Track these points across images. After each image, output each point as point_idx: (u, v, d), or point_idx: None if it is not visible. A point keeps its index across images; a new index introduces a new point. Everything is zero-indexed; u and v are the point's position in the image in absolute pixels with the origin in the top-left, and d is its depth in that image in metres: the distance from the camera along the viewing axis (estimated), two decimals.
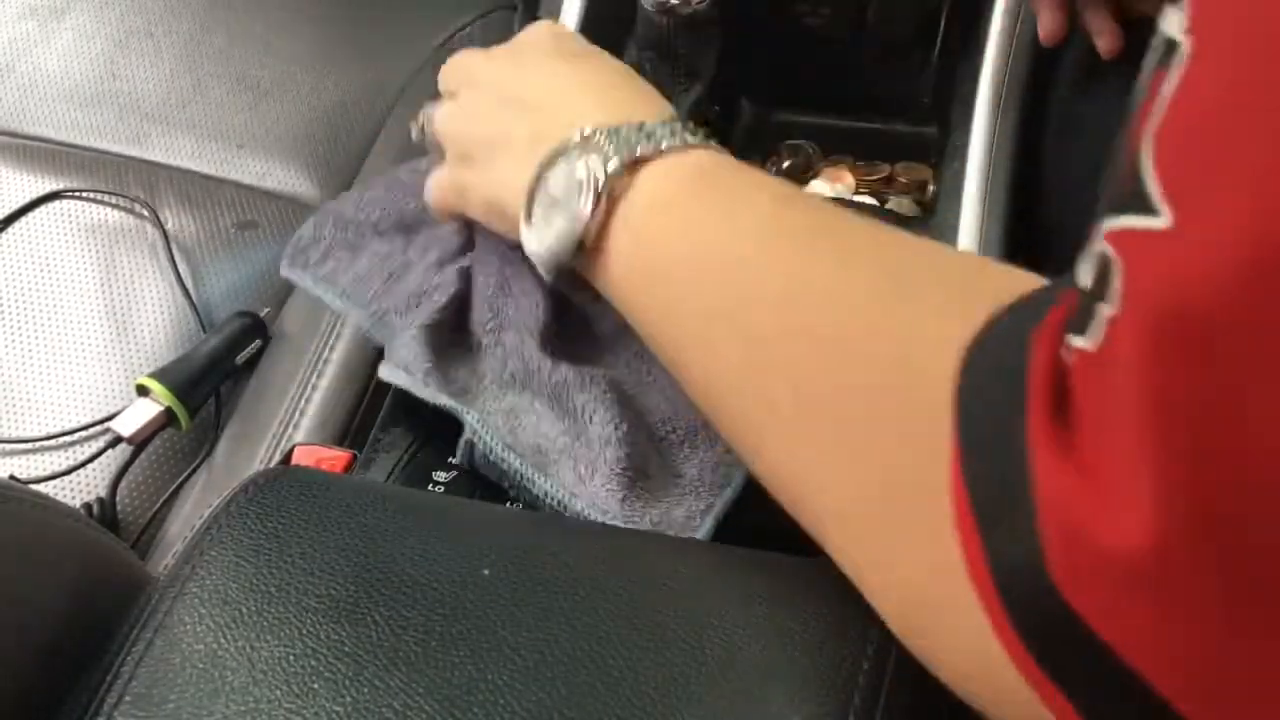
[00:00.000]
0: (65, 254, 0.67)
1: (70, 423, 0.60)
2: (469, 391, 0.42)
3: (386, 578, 0.32)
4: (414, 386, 0.42)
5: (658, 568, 0.33)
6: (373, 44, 0.78)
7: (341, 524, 0.34)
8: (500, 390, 0.42)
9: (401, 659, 0.30)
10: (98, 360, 0.63)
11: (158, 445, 0.60)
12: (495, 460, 0.40)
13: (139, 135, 0.74)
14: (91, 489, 0.59)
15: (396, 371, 0.43)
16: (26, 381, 0.62)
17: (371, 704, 0.29)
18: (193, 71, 0.77)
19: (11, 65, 0.78)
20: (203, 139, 0.74)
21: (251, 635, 0.30)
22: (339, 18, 0.81)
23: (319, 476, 0.37)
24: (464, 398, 0.41)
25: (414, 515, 0.35)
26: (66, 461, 0.59)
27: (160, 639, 0.31)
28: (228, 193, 0.70)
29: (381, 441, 0.46)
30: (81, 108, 0.76)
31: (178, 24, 0.80)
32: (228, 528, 0.34)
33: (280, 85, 0.76)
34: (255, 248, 0.68)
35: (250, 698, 0.29)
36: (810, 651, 0.30)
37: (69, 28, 0.80)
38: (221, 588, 0.32)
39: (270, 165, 0.72)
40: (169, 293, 0.65)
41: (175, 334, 0.64)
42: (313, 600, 0.31)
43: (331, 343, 0.59)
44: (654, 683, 0.29)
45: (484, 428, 0.40)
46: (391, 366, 0.43)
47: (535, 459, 0.39)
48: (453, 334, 0.43)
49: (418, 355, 0.42)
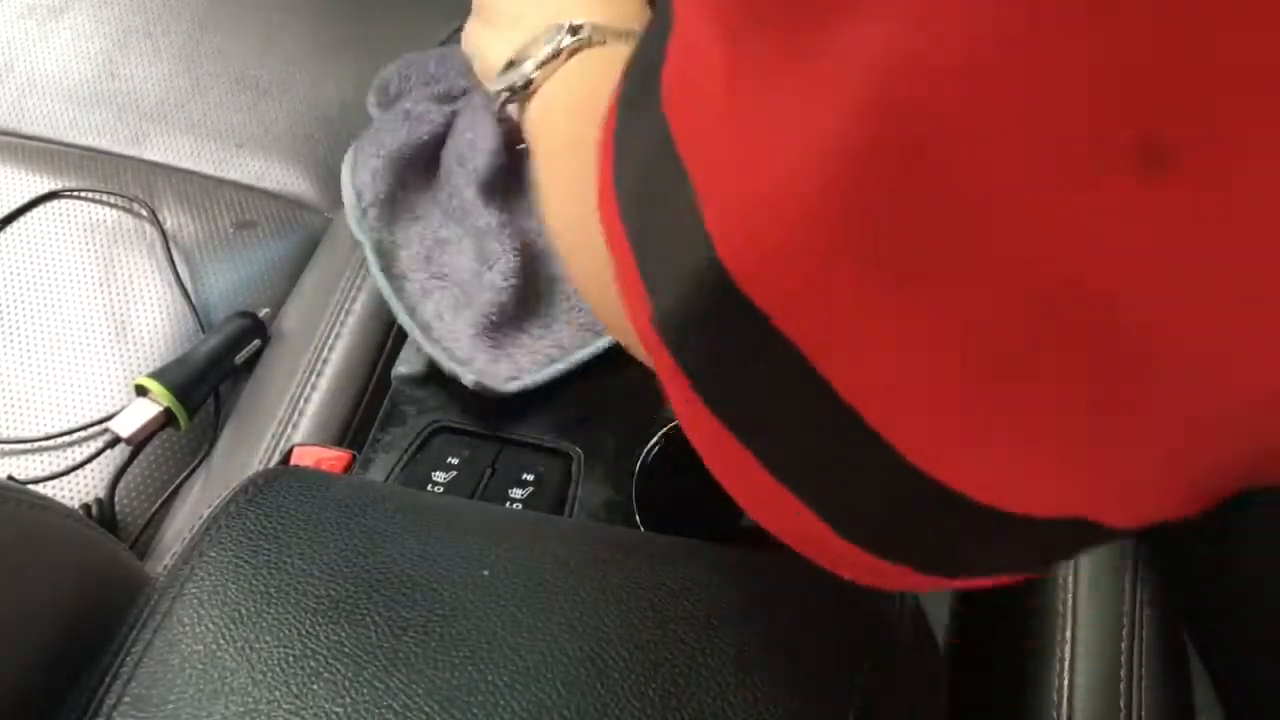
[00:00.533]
0: (63, 254, 0.67)
1: (69, 423, 0.60)
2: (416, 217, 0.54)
3: (386, 578, 0.32)
4: (353, 213, 0.53)
5: (658, 568, 0.33)
6: (372, 43, 0.78)
7: (341, 524, 0.34)
8: (441, 220, 0.53)
9: (401, 659, 0.30)
10: (96, 360, 0.63)
11: (156, 445, 0.60)
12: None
13: (138, 135, 0.74)
14: (90, 489, 0.58)
15: (350, 191, 0.53)
16: (25, 382, 0.62)
17: (371, 704, 0.29)
18: (191, 71, 0.77)
19: (10, 65, 0.78)
20: (201, 138, 0.74)
21: (251, 635, 0.30)
22: (338, 17, 0.80)
23: (318, 477, 0.37)
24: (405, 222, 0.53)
25: (413, 515, 0.35)
26: (65, 462, 0.59)
27: (159, 639, 0.31)
28: (226, 192, 0.70)
29: (381, 441, 0.46)
30: (80, 107, 0.76)
31: (176, 23, 0.80)
32: (227, 528, 0.34)
33: (279, 85, 0.76)
34: (254, 247, 0.68)
35: (250, 698, 0.29)
36: (811, 651, 0.30)
37: (67, 27, 0.80)
38: (220, 588, 0.32)
39: (269, 165, 0.72)
40: (167, 293, 0.65)
41: (174, 334, 0.63)
42: (312, 600, 0.31)
43: (331, 343, 0.59)
44: (654, 683, 0.29)
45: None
46: (349, 185, 0.53)
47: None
48: (426, 164, 0.54)
49: (379, 175, 0.53)
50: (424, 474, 0.44)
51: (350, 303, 0.61)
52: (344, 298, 0.61)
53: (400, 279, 0.51)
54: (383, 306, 0.60)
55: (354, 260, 0.63)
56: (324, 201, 0.71)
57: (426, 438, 0.47)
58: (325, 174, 0.72)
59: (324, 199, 0.71)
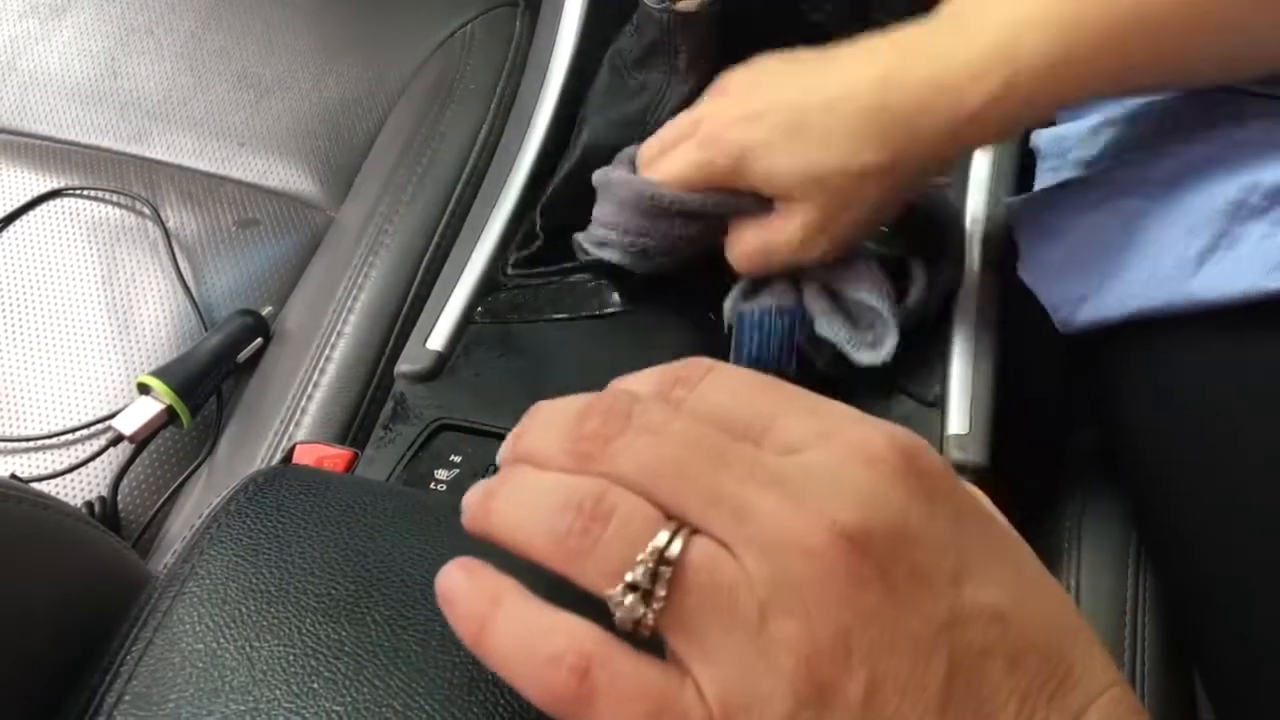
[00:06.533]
0: (66, 252, 0.67)
1: (71, 421, 0.60)
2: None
3: (386, 578, 0.32)
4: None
5: None
6: (374, 41, 0.78)
7: (341, 523, 0.34)
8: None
9: (401, 659, 0.29)
10: (99, 358, 0.63)
11: (159, 444, 0.60)
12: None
13: (140, 133, 0.74)
14: (93, 487, 0.59)
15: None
16: (27, 380, 0.62)
17: (371, 704, 0.28)
18: (194, 69, 0.77)
19: (12, 63, 0.78)
20: (204, 137, 0.74)
21: (251, 635, 0.30)
22: (340, 15, 0.80)
23: (318, 476, 0.37)
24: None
25: (414, 515, 0.34)
26: (67, 460, 0.59)
27: (160, 638, 0.31)
28: (229, 190, 0.70)
29: (383, 439, 0.46)
30: (83, 105, 0.76)
31: (179, 22, 0.80)
32: (227, 527, 0.34)
33: (281, 83, 0.76)
34: (257, 245, 0.68)
35: (250, 697, 0.29)
36: None
37: (70, 25, 0.80)
38: (221, 587, 0.32)
39: (272, 163, 0.72)
40: (170, 291, 0.65)
41: (176, 332, 0.63)
42: (313, 599, 0.31)
43: (333, 341, 0.59)
44: None
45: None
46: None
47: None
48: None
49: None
50: (426, 472, 0.44)
51: (352, 301, 0.61)
52: (346, 295, 0.61)
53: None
54: (385, 304, 0.60)
55: (356, 258, 0.63)
56: (326, 199, 0.71)
57: (429, 435, 0.47)
58: (328, 172, 0.72)
59: (327, 197, 0.71)
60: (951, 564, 0.23)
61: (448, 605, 0.25)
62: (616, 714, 0.22)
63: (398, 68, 0.76)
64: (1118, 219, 0.43)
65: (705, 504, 0.23)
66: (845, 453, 0.23)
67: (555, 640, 0.23)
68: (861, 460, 0.23)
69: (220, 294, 0.65)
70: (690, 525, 0.23)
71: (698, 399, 0.26)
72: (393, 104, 0.74)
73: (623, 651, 0.23)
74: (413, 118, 0.71)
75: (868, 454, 0.23)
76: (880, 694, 0.21)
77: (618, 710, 0.22)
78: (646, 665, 0.23)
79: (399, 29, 0.78)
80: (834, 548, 0.22)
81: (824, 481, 0.23)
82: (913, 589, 0.22)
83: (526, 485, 0.25)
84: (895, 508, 0.23)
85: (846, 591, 0.22)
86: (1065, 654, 0.23)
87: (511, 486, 0.26)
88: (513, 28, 0.77)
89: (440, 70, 0.74)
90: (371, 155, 0.72)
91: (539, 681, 0.23)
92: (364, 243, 0.63)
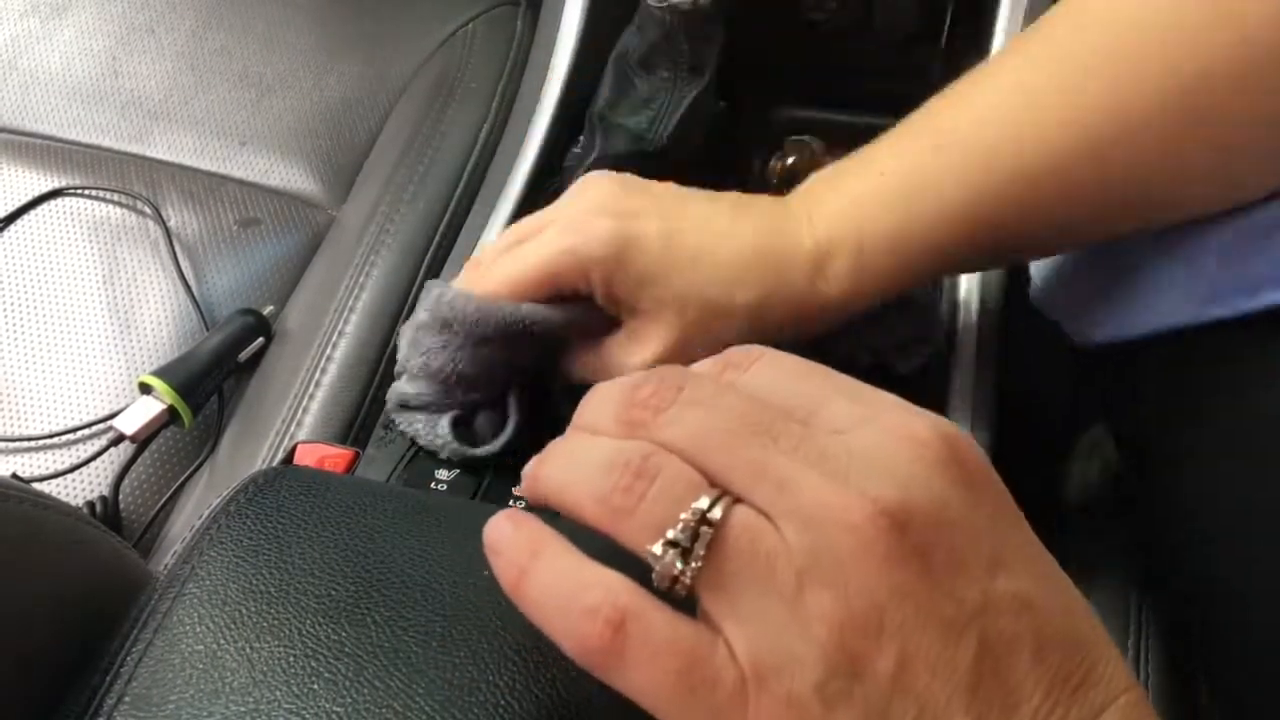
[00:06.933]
0: (67, 252, 0.67)
1: (72, 421, 0.60)
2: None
3: (386, 578, 0.32)
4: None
5: None
6: (375, 40, 0.78)
7: (342, 524, 0.33)
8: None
9: (401, 659, 0.29)
10: (100, 358, 0.63)
11: (160, 443, 0.60)
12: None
13: (141, 132, 0.74)
14: (94, 487, 0.59)
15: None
16: (28, 379, 0.62)
17: (371, 704, 0.28)
18: (195, 68, 0.77)
19: (13, 62, 0.78)
20: (205, 136, 0.74)
21: (251, 635, 0.30)
22: (341, 14, 0.80)
23: (319, 476, 0.37)
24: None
25: (415, 515, 0.34)
26: (68, 460, 0.59)
27: (160, 639, 0.31)
28: (230, 190, 0.70)
29: (384, 439, 0.46)
30: (84, 105, 0.76)
31: (180, 21, 0.80)
32: (227, 527, 0.33)
33: (283, 82, 0.76)
34: (258, 245, 0.68)
35: (250, 698, 0.29)
36: None
37: (71, 25, 0.80)
38: (221, 587, 0.32)
39: (273, 162, 0.72)
40: (171, 290, 0.65)
41: (178, 331, 0.63)
42: (313, 600, 0.31)
43: (334, 340, 0.59)
44: None
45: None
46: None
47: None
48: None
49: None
50: (427, 472, 0.44)
51: (354, 300, 0.61)
52: (348, 295, 0.61)
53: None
54: (386, 304, 0.60)
55: (357, 257, 0.63)
56: (328, 198, 0.71)
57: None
58: (329, 171, 0.72)
59: (328, 196, 0.71)
60: (988, 551, 0.23)
61: (493, 554, 0.26)
62: (649, 668, 0.23)
63: (399, 67, 0.76)
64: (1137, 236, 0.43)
65: (750, 474, 0.23)
66: (890, 436, 0.24)
67: (592, 593, 0.24)
68: (906, 444, 0.24)
69: (221, 293, 0.65)
70: (734, 494, 0.24)
71: (748, 379, 0.27)
72: (394, 103, 0.74)
73: (658, 607, 0.23)
74: (414, 117, 0.71)
75: (912, 439, 0.24)
76: (910, 670, 0.22)
77: (650, 664, 0.23)
78: (681, 622, 0.23)
79: (400, 28, 0.78)
80: (874, 525, 0.22)
81: (868, 461, 0.23)
82: (949, 572, 0.22)
83: (578, 449, 0.26)
84: (936, 491, 0.23)
85: (884, 568, 0.22)
86: (1089, 652, 0.23)
87: (563, 450, 0.27)
88: (514, 27, 0.77)
89: (441, 69, 0.74)
90: (373, 154, 0.72)
91: (574, 632, 0.24)
92: (365, 242, 0.63)
